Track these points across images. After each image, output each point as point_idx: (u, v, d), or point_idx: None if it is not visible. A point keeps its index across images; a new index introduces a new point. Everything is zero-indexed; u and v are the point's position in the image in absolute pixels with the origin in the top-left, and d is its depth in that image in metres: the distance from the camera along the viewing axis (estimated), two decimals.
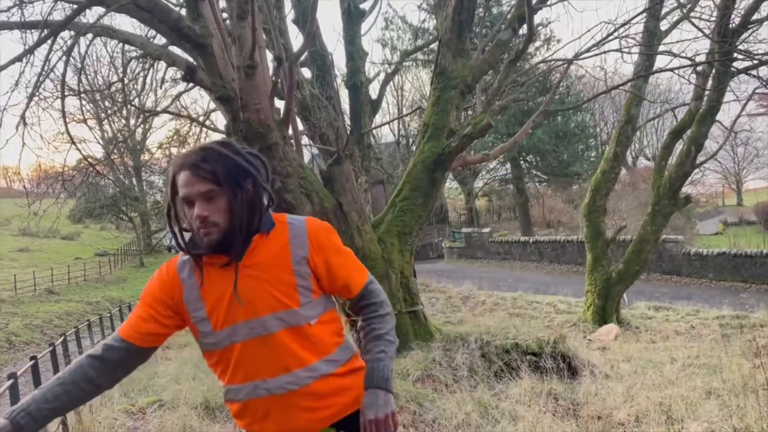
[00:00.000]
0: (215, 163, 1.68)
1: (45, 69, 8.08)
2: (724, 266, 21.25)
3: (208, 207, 1.68)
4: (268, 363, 1.75)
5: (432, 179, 7.62)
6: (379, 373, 1.80)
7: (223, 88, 6.54)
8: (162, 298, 1.78)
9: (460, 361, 6.21)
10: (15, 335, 15.53)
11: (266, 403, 1.76)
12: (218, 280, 1.75)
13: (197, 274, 1.77)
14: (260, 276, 1.74)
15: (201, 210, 1.67)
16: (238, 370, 1.76)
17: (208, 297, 1.75)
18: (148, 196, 36.87)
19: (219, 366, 1.81)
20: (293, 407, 1.76)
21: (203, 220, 1.67)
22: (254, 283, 1.73)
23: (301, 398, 1.76)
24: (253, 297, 1.73)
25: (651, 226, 13.33)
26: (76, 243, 37.88)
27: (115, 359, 1.76)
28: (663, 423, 4.21)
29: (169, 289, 1.79)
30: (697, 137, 12.86)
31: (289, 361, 1.75)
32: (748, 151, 46.90)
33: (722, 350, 7.58)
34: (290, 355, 1.75)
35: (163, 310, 1.78)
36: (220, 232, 1.69)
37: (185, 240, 1.77)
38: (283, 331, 1.74)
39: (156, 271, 1.86)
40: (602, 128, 44.82)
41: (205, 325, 1.76)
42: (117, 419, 5.49)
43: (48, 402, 1.65)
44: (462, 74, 7.79)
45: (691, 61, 10.97)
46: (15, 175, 57.30)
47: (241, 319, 1.73)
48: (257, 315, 1.73)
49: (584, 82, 35.18)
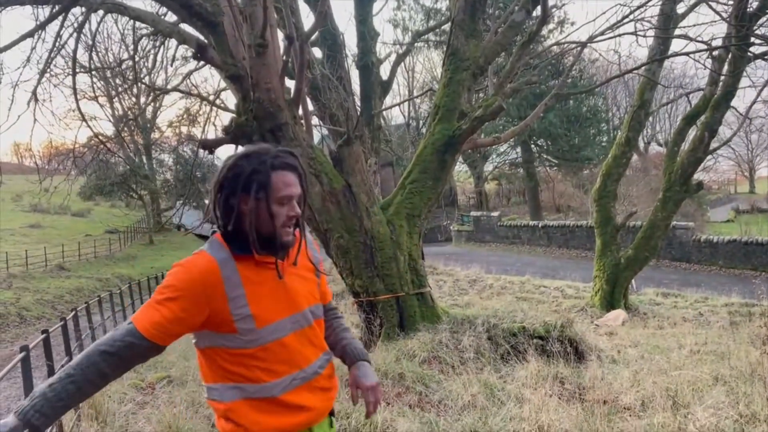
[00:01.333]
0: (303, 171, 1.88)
1: (56, 45, 8.08)
2: (734, 254, 21.13)
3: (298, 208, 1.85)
4: (306, 352, 1.89)
5: (442, 162, 7.58)
6: (361, 350, 2.11)
7: (234, 67, 6.52)
8: (200, 300, 1.73)
9: (466, 343, 6.22)
10: (26, 310, 15.72)
11: (299, 393, 1.86)
12: (260, 279, 1.82)
13: (240, 272, 1.78)
14: (298, 273, 1.93)
15: (298, 210, 1.84)
16: (276, 366, 1.81)
17: (252, 295, 1.79)
18: (158, 174, 36.96)
19: (248, 365, 1.78)
20: (318, 390, 1.92)
21: (296, 219, 1.84)
22: (295, 279, 1.91)
23: (324, 380, 1.95)
24: (297, 292, 1.89)
25: (661, 213, 13.25)
26: (86, 220, 38.13)
27: (132, 356, 1.73)
28: (669, 408, 4.21)
29: (210, 289, 1.73)
30: (711, 123, 12.72)
31: (319, 348, 1.96)
32: (762, 138, 46.38)
33: (730, 337, 7.56)
34: (319, 342, 1.96)
35: (198, 313, 1.74)
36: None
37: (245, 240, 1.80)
38: (315, 322, 1.95)
39: (186, 269, 1.75)
40: (614, 113, 44.43)
41: (247, 323, 1.77)
42: (126, 394, 5.57)
43: (61, 400, 1.63)
44: (474, 56, 7.71)
45: (707, 45, 10.80)
46: (26, 151, 57.67)
47: (286, 315, 1.84)
48: (300, 309, 1.89)
49: (597, 66, 34.85)
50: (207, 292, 1.73)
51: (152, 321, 1.72)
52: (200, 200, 32.93)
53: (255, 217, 1.77)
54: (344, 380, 2.32)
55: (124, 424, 4.65)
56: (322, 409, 1.93)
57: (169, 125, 36.55)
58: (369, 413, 2.02)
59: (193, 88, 17.42)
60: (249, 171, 1.77)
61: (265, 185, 1.77)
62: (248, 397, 1.79)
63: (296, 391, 1.85)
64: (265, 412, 1.80)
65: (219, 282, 1.74)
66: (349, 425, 4.10)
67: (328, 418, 1.99)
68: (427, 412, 4.58)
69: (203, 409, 4.92)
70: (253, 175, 1.77)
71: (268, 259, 1.83)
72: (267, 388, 1.80)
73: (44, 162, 32.18)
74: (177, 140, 34.29)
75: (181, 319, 1.73)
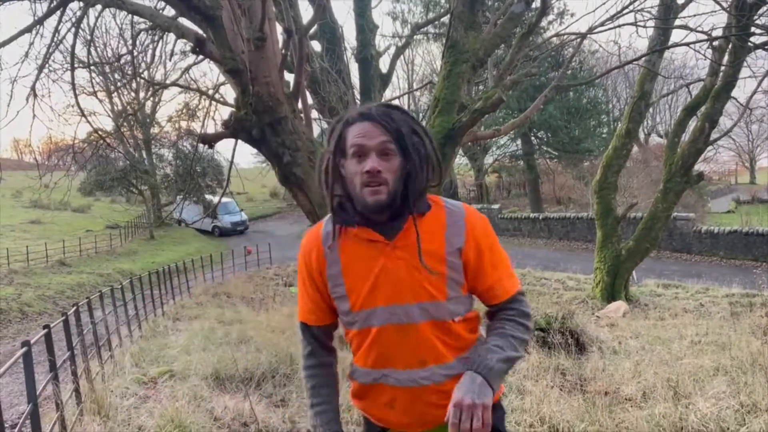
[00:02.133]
0: (400, 121, 1.57)
1: (54, 40, 8.06)
2: (735, 244, 21.12)
3: (382, 162, 1.54)
4: (403, 353, 1.62)
5: (442, 154, 7.57)
6: (485, 361, 1.55)
7: (233, 61, 6.50)
8: (310, 272, 1.69)
9: None
10: (28, 306, 15.74)
11: (393, 392, 1.66)
12: (363, 257, 1.61)
13: (342, 247, 1.63)
14: (410, 261, 1.58)
15: (375, 163, 1.53)
16: (369, 354, 1.65)
17: (350, 274, 1.63)
18: (158, 169, 36.92)
19: (354, 343, 1.71)
20: (421, 402, 1.65)
21: (374, 174, 1.52)
22: (403, 266, 1.59)
23: (433, 394, 1.63)
24: (400, 281, 1.59)
25: (662, 204, 13.24)
26: (86, 215, 38.12)
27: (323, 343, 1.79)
28: (670, 399, 4.22)
29: (314, 262, 1.67)
30: (711, 114, 12.70)
31: (427, 356, 1.62)
32: (763, 129, 46.25)
33: (731, 328, 7.56)
34: (429, 350, 1.62)
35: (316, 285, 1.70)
36: (389, 193, 1.55)
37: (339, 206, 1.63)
38: (427, 324, 1.60)
39: (301, 245, 1.72)
40: (615, 104, 44.29)
41: (343, 303, 1.65)
42: (129, 388, 5.58)
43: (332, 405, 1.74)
44: (474, 48, 7.69)
45: (707, 35, 10.76)
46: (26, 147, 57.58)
47: (382, 303, 1.60)
48: (401, 301, 1.59)
49: (597, 57, 34.69)
50: (311, 264, 1.68)
51: (302, 309, 1.76)
52: (200, 195, 32.89)
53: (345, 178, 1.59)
54: None
55: (127, 419, 4.67)
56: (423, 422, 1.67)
57: (168, 120, 36.46)
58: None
59: (192, 82, 17.39)
60: (329, 132, 1.66)
61: (338, 141, 1.59)
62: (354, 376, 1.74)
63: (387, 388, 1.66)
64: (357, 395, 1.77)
65: (321, 256, 1.66)
66: (350, 418, 4.11)
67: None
68: None
69: (205, 403, 4.93)
70: (332, 133, 1.63)
71: (373, 236, 1.60)
72: (360, 372, 1.71)
73: (44, 158, 32.18)
74: (177, 135, 34.25)
75: (312, 294, 1.71)
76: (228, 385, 5.65)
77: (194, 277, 20.51)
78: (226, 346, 7.44)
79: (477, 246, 1.62)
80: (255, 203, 48.33)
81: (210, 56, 6.86)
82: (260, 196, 50.02)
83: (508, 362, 1.59)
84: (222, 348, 7.33)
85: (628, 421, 3.96)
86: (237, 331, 8.58)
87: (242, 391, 5.25)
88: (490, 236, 1.66)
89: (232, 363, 6.07)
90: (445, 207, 1.66)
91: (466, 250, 1.61)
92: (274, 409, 4.88)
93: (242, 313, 12.08)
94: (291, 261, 23.18)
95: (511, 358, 1.59)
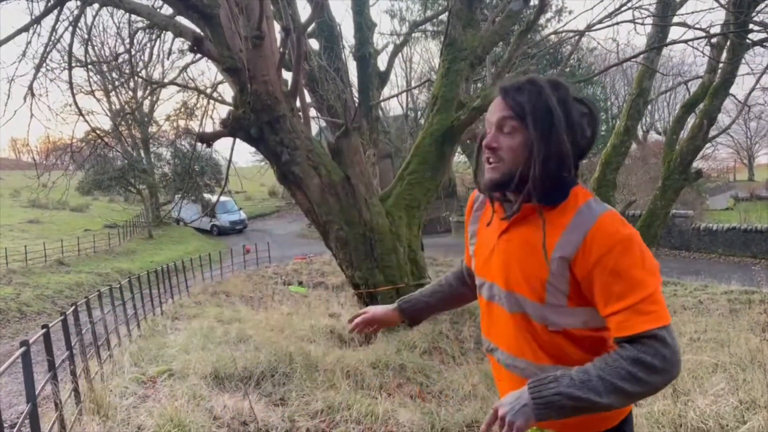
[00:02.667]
0: (529, 96, 1.46)
1: (52, 39, 8.05)
2: (733, 241, 21.14)
3: (501, 138, 1.49)
4: (504, 334, 1.61)
5: (441, 153, 7.57)
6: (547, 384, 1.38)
7: (231, 59, 6.49)
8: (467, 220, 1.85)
9: (467, 333, 6.24)
10: (26, 305, 15.72)
11: (499, 369, 1.69)
12: (491, 228, 1.65)
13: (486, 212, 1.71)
14: (515, 251, 1.54)
15: (491, 139, 1.50)
16: (483, 320, 1.74)
17: (480, 238, 1.72)
18: (156, 168, 36.89)
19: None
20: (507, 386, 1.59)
21: (491, 150, 1.50)
22: (506, 254, 1.56)
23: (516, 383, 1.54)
24: (503, 266, 1.57)
25: (661, 201, 13.26)
26: (85, 215, 38.07)
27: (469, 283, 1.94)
28: (669, 396, 4.22)
29: (468, 213, 1.84)
30: (709, 111, 12.70)
31: (525, 348, 1.55)
32: (761, 126, 46.33)
33: (730, 325, 7.57)
34: (524, 343, 1.55)
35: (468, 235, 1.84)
36: (503, 172, 1.50)
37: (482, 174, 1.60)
38: (517, 315, 1.55)
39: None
40: (613, 102, 44.27)
41: (474, 261, 1.76)
42: (128, 387, 5.57)
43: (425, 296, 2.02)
44: (472, 45, 7.68)
45: (705, 32, 10.76)
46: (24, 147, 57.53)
47: (489, 279, 1.64)
48: (494, 279, 1.60)
49: (596, 55, 34.65)
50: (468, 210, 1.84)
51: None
52: (199, 194, 32.85)
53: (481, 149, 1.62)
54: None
55: (126, 418, 4.66)
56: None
57: (166, 119, 36.31)
58: None
59: (190, 81, 17.36)
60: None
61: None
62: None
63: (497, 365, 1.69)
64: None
65: (470, 208, 1.83)
66: (350, 416, 4.11)
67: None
68: (428, 403, 4.60)
69: (204, 402, 4.93)
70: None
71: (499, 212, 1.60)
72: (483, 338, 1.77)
73: (42, 157, 32.09)
74: (175, 134, 34.18)
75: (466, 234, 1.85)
76: (227, 384, 5.65)
77: (193, 276, 20.49)
78: (225, 345, 7.43)
79: (593, 265, 1.40)
80: (253, 202, 48.32)
81: (208, 55, 6.85)
82: (259, 194, 50.00)
83: (575, 401, 1.35)
84: (221, 347, 7.32)
85: None
86: (236, 330, 8.57)
87: (241, 390, 5.25)
88: (622, 259, 1.39)
89: (231, 362, 6.06)
90: (579, 208, 1.47)
91: (576, 265, 1.43)
92: (274, 408, 4.88)
93: (241, 312, 12.06)
94: (290, 260, 23.18)
95: (582, 399, 1.34)
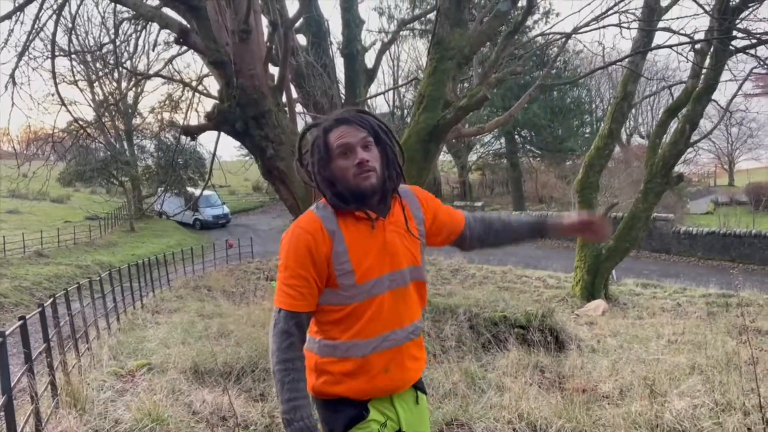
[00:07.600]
0: (370, 120, 1.88)
1: (35, 28, 7.94)
2: (713, 245, 21.42)
3: (367, 153, 1.82)
4: (400, 314, 1.91)
5: (426, 151, 7.58)
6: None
7: (217, 52, 6.44)
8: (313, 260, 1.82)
9: (448, 332, 6.26)
10: (4, 296, 15.49)
11: (388, 355, 1.89)
12: (364, 235, 1.86)
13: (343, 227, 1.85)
14: (400, 232, 1.91)
15: (363, 154, 1.81)
16: (370, 324, 1.86)
17: (354, 251, 1.84)
18: (139, 160, 36.51)
19: (345, 322, 1.87)
20: (408, 357, 1.94)
21: (364, 163, 1.80)
22: (396, 238, 1.89)
23: (414, 348, 1.97)
24: (397, 251, 1.89)
25: (643, 204, 13.39)
26: (65, 206, 37.54)
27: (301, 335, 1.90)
28: (647, 396, 4.27)
29: (320, 246, 1.83)
30: (692, 116, 12.84)
31: (413, 312, 1.95)
32: (743, 132, 46.88)
33: (707, 327, 7.67)
34: (414, 307, 1.96)
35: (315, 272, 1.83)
36: (378, 177, 1.83)
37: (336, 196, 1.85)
38: (413, 284, 1.95)
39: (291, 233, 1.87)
40: (598, 104, 44.60)
41: (348, 278, 1.84)
42: (106, 381, 5.52)
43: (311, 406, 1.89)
44: (459, 45, 7.69)
45: (689, 38, 10.85)
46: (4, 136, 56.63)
47: (387, 271, 1.86)
48: (399, 267, 1.89)
49: (582, 57, 34.92)
50: (319, 250, 1.82)
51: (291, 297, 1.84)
52: (182, 187, 32.57)
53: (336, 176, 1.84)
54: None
55: (103, 412, 4.61)
56: (406, 379, 1.95)
57: (150, 111, 36.01)
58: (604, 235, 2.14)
59: (175, 73, 17.22)
60: (312, 141, 1.91)
61: (321, 149, 1.86)
62: (340, 356, 1.88)
63: (385, 353, 1.88)
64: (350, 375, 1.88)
65: (327, 238, 1.83)
66: None
67: (413, 391, 2.01)
68: None
69: (183, 396, 4.90)
70: (315, 143, 1.89)
71: (372, 215, 1.86)
72: (359, 346, 1.86)
73: (22, 147, 31.63)
74: (159, 126, 33.84)
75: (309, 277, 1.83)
76: (207, 379, 5.61)
77: (175, 270, 20.34)
78: (206, 340, 7.39)
79: (430, 209, 2.04)
80: (237, 197, 48.00)
81: (194, 47, 6.80)
82: (242, 189, 49.68)
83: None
84: (201, 342, 7.28)
85: (605, 419, 4.00)
86: (217, 325, 8.52)
87: (221, 385, 5.22)
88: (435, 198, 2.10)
89: (212, 357, 6.03)
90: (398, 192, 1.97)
91: (425, 218, 2.02)
92: (253, 404, 4.86)
93: (222, 306, 12.00)
94: (273, 255, 23.06)
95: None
